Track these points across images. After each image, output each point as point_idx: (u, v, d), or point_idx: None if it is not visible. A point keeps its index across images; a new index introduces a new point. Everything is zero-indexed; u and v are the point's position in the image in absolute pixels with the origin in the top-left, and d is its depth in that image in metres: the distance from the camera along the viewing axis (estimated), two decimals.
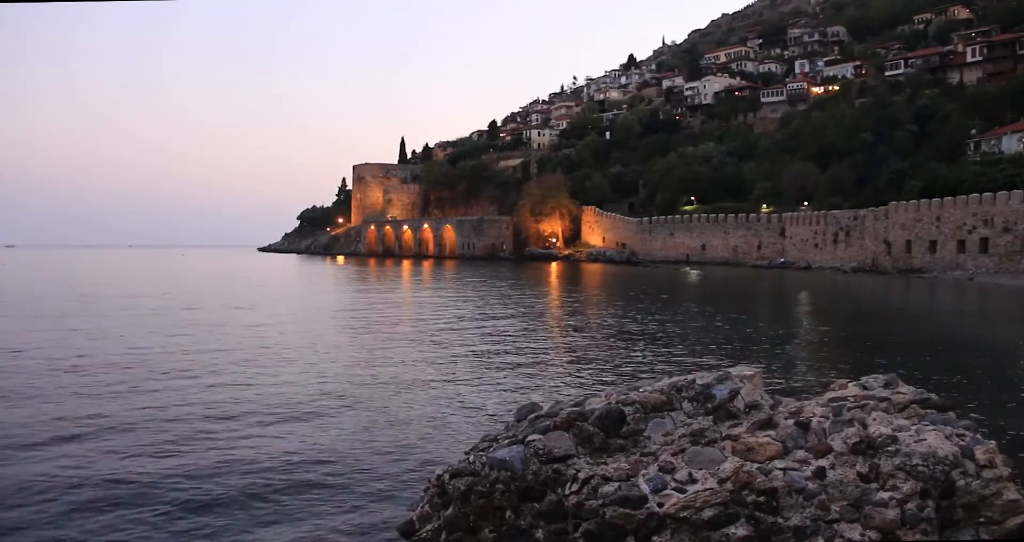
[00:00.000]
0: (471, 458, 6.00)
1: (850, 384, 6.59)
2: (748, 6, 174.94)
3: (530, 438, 5.83)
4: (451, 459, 7.35)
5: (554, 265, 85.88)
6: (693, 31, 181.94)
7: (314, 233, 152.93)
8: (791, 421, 5.64)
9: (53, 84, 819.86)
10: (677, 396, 6.03)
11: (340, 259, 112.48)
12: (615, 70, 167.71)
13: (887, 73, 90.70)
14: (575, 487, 5.45)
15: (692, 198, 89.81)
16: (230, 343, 20.21)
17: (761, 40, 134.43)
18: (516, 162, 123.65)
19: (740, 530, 4.99)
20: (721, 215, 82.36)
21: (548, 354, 18.75)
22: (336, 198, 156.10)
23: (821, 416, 5.65)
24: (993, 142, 66.75)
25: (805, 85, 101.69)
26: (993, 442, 5.36)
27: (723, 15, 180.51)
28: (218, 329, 23.67)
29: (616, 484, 5.36)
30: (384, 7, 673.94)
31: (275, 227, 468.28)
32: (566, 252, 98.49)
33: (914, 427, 5.42)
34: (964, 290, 43.27)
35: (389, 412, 12.04)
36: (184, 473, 8.73)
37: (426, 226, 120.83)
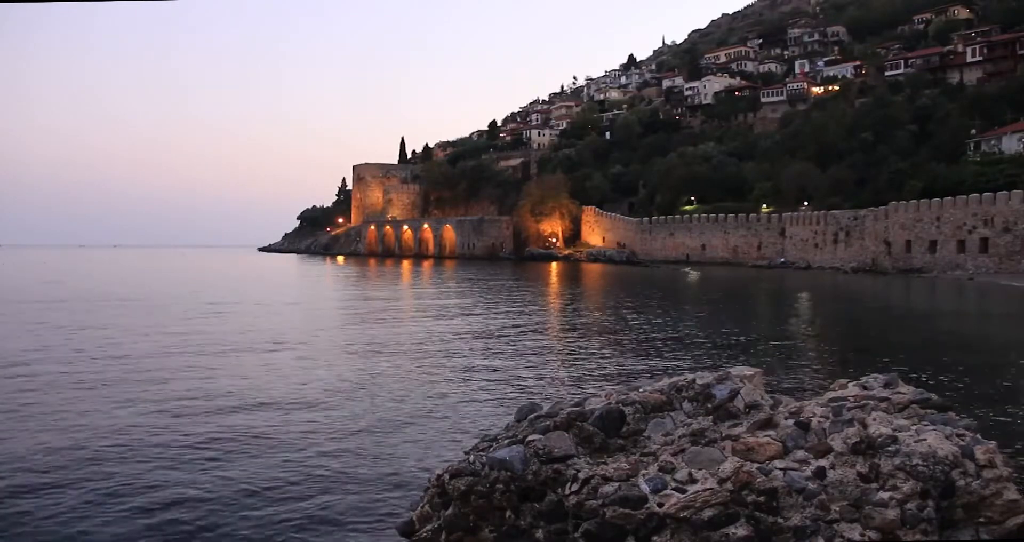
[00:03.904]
0: (471, 458, 6.00)
1: (850, 384, 6.60)
2: (748, 6, 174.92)
3: (530, 438, 5.83)
4: (451, 459, 7.35)
5: (554, 265, 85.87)
6: (693, 31, 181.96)
7: (314, 233, 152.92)
8: (791, 421, 5.64)
9: (48, 82, 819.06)
10: (677, 396, 6.03)
11: (340, 259, 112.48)
12: (615, 70, 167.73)
13: (887, 73, 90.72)
14: (575, 487, 5.45)
15: (692, 198, 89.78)
16: (227, 341, 20.21)
17: (761, 40, 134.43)
18: (516, 162, 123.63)
19: (740, 530, 5.00)
20: (721, 215, 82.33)
21: (548, 354, 18.75)
22: (336, 198, 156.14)
23: (821, 416, 5.65)
24: (993, 142, 66.74)
25: (805, 85, 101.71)
26: (993, 442, 5.36)
27: (723, 15, 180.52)
28: (216, 329, 23.66)
29: (616, 484, 5.36)
30: (384, 8, 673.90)
31: (275, 227, 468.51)
32: (566, 252, 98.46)
33: (914, 427, 5.42)
34: (964, 290, 43.28)
35: (389, 412, 12.04)
36: (182, 473, 8.73)
37: (426, 226, 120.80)
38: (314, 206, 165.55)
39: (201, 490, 8.13)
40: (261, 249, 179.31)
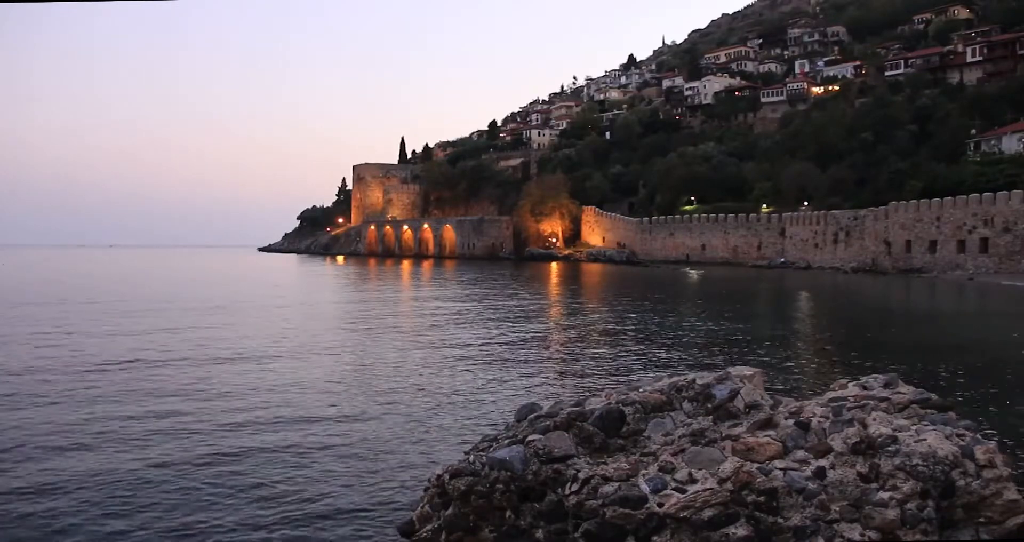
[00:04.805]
0: (471, 458, 6.00)
1: (850, 384, 6.60)
2: (748, 6, 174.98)
3: (530, 438, 5.83)
4: (451, 459, 7.35)
5: (554, 265, 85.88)
6: (693, 31, 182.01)
7: (314, 233, 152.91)
8: (791, 421, 5.64)
9: (48, 82, 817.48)
10: (677, 396, 6.04)
11: (340, 259, 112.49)
12: (615, 70, 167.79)
13: (887, 73, 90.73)
14: (575, 487, 5.45)
15: (692, 198, 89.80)
16: (227, 343, 20.21)
17: (761, 40, 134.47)
18: (516, 162, 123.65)
19: (740, 530, 5.00)
20: (721, 215, 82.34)
21: (548, 354, 18.75)
22: (336, 198, 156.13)
23: (821, 416, 5.66)
24: (993, 142, 66.75)
25: (805, 85, 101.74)
26: (993, 442, 5.36)
27: (723, 15, 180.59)
28: (215, 330, 23.66)
29: (616, 484, 5.36)
30: (385, 8, 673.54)
31: (275, 227, 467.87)
32: (566, 252, 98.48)
33: (914, 427, 5.42)
34: (964, 290, 43.28)
35: (389, 412, 12.04)
36: (182, 473, 8.73)
37: (426, 226, 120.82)
38: (314, 206, 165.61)
39: (200, 490, 8.13)
40: (261, 249, 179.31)
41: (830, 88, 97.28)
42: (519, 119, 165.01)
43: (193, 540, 6.92)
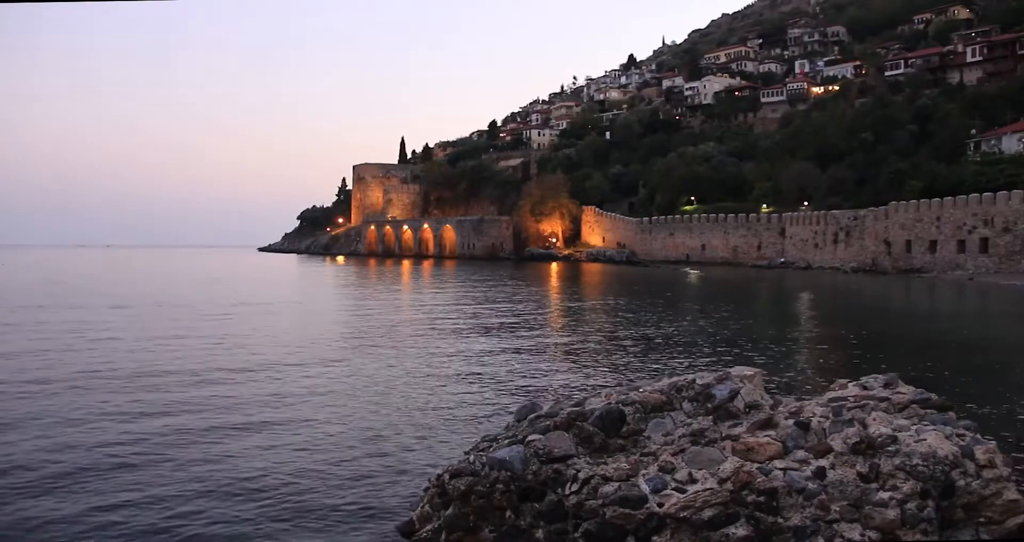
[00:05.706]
0: (471, 458, 6.01)
1: (850, 384, 6.60)
2: (748, 6, 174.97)
3: (530, 438, 5.83)
4: (451, 459, 7.35)
5: (554, 265, 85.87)
6: (693, 31, 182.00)
7: (314, 233, 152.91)
8: (791, 421, 5.64)
9: (48, 81, 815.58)
10: (677, 396, 6.04)
11: (340, 259, 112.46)
12: (615, 70, 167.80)
13: (887, 73, 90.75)
14: (575, 487, 5.45)
15: (692, 198, 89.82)
16: (228, 343, 20.20)
17: (761, 40, 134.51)
18: (516, 162, 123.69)
19: (740, 530, 5.00)
20: (721, 215, 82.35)
21: (548, 354, 18.74)
22: (336, 198, 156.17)
23: (821, 416, 5.66)
24: (993, 142, 66.75)
25: (805, 85, 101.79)
26: (993, 442, 5.36)
27: (723, 15, 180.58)
28: (215, 330, 23.65)
29: (616, 484, 5.36)
30: (384, 8, 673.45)
31: (275, 227, 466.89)
32: (566, 252, 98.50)
33: (914, 427, 5.42)
34: (964, 290, 43.28)
35: (389, 412, 12.04)
36: (182, 473, 8.73)
37: (426, 226, 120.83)
38: (314, 206, 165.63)
39: (200, 490, 8.13)
40: (261, 249, 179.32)
41: (830, 88, 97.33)
42: (519, 119, 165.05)
43: (191, 539, 6.92)
